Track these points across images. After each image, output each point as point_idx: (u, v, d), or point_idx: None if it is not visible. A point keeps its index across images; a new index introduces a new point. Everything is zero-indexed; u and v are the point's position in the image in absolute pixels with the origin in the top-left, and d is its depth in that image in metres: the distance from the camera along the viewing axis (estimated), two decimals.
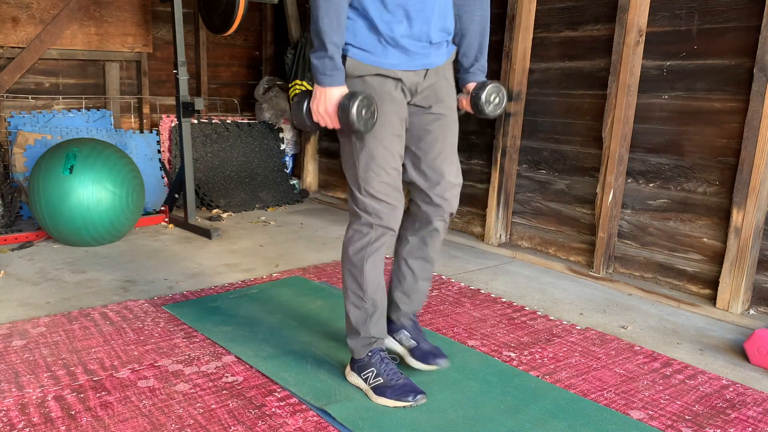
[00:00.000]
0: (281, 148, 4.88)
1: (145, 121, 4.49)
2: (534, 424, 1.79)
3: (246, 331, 2.32)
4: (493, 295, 2.86)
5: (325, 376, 2.01)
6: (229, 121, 4.70)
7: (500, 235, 3.65)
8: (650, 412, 1.89)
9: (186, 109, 3.65)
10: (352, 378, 1.95)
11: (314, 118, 1.67)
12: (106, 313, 2.44)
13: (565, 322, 2.57)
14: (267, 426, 1.73)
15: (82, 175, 3.13)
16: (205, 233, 3.62)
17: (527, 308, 2.71)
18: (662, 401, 1.96)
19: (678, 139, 2.91)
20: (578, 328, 2.52)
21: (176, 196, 3.91)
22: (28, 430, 1.66)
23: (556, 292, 2.97)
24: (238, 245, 3.50)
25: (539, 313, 2.66)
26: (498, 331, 2.45)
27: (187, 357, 2.11)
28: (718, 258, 2.80)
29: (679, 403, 1.96)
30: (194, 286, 2.81)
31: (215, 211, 4.25)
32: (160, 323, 2.37)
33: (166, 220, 3.91)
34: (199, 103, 3.56)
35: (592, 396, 1.97)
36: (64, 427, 1.68)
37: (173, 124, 4.44)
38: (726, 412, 1.91)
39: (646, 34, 2.95)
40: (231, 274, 3.00)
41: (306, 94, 1.68)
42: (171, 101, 4.60)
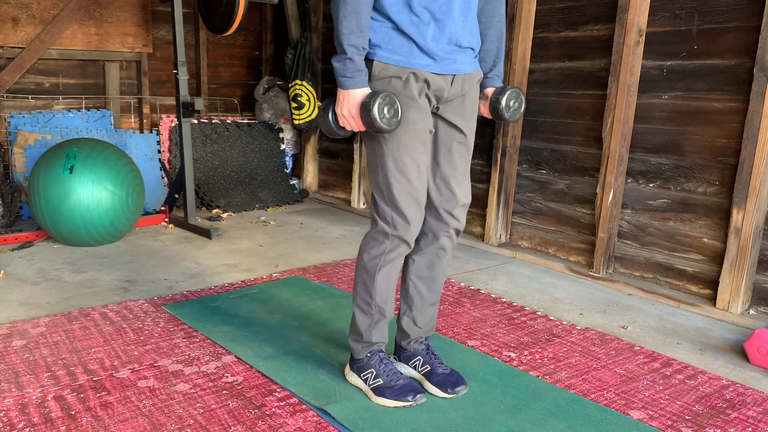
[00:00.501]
0: (281, 148, 4.88)
1: (145, 121, 4.49)
2: (534, 424, 1.80)
3: (246, 331, 2.32)
4: (493, 295, 2.86)
5: (325, 376, 2.01)
6: (229, 121, 4.70)
7: (500, 235, 3.65)
8: (650, 412, 1.89)
9: (186, 109, 3.65)
10: (352, 378, 1.95)
11: (340, 122, 1.67)
12: (106, 313, 2.44)
13: (565, 322, 2.57)
14: (267, 426, 1.73)
15: (82, 175, 3.13)
16: (205, 233, 3.62)
17: (527, 308, 2.71)
18: (662, 401, 1.96)
19: (678, 139, 2.91)
20: (578, 328, 2.52)
21: (176, 196, 3.91)
22: (28, 430, 1.66)
23: (556, 292, 2.97)
24: (238, 245, 3.50)
25: (539, 313, 2.66)
26: (498, 331, 2.45)
27: (187, 357, 2.11)
28: (718, 258, 2.80)
29: (679, 403, 1.96)
30: (194, 286, 2.81)
31: (215, 211, 4.25)
32: (160, 323, 2.37)
33: (166, 220, 3.91)
34: (199, 103, 3.56)
35: (592, 396, 1.97)
36: (64, 427, 1.68)
37: (173, 124, 4.44)
38: (726, 412, 1.91)
39: (646, 34, 2.95)
40: (231, 274, 3.00)
41: (331, 101, 1.68)
42: (171, 101, 4.60)
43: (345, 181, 4.71)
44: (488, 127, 3.65)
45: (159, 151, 4.35)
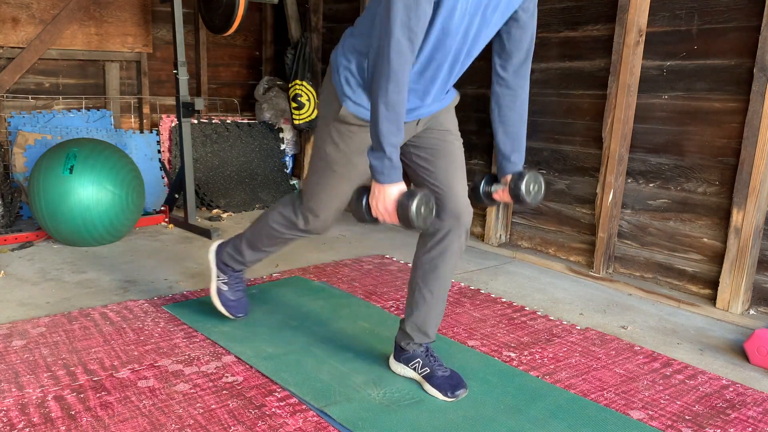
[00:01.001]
0: (281, 148, 4.88)
1: (145, 121, 4.49)
2: (534, 424, 1.80)
3: (246, 331, 2.32)
4: (493, 295, 2.86)
5: (325, 376, 2.01)
6: (229, 121, 4.70)
7: (500, 235, 3.65)
8: (650, 412, 1.89)
9: (186, 109, 3.65)
10: (210, 254, 2.29)
11: (373, 213, 1.68)
12: (106, 313, 2.44)
13: (565, 322, 2.57)
14: (267, 426, 1.73)
15: (82, 175, 3.13)
16: (205, 233, 3.62)
17: (527, 308, 2.71)
18: (662, 401, 1.96)
19: (678, 139, 2.91)
20: (578, 328, 2.52)
21: (176, 196, 3.91)
22: (28, 430, 1.66)
23: (556, 292, 2.97)
24: None
25: (539, 313, 2.66)
26: (498, 331, 2.45)
27: (187, 357, 2.11)
28: (718, 258, 2.80)
29: (679, 403, 1.96)
30: (194, 286, 2.81)
31: (215, 211, 4.25)
32: (160, 323, 2.37)
33: (166, 220, 3.91)
34: (199, 103, 3.56)
35: (592, 396, 1.97)
36: (64, 427, 1.68)
37: (173, 124, 4.44)
38: (726, 412, 1.91)
39: (646, 34, 2.95)
40: None
41: (364, 190, 1.69)
42: (171, 101, 4.60)
43: None
44: (488, 127, 3.65)
45: (159, 151, 4.35)
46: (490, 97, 1.87)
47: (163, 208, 3.96)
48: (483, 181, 1.91)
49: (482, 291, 2.90)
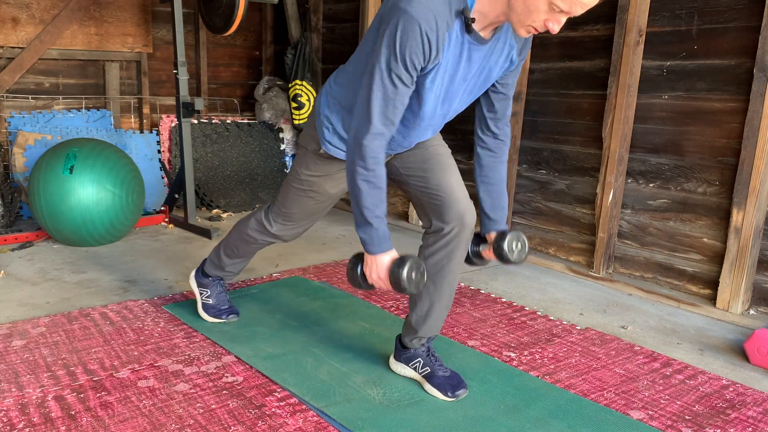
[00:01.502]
0: (281, 148, 4.88)
1: (145, 121, 4.49)
2: (534, 424, 1.80)
3: (246, 331, 2.32)
4: (493, 295, 2.86)
5: (324, 376, 2.01)
6: (229, 121, 4.70)
7: None
8: (650, 412, 1.89)
9: (186, 109, 3.65)
10: (192, 281, 2.39)
11: (369, 281, 1.73)
12: (106, 313, 2.44)
13: (565, 322, 2.57)
14: (267, 426, 1.73)
15: (82, 175, 3.13)
16: (205, 233, 3.62)
17: (527, 308, 2.71)
18: (662, 401, 1.96)
19: (678, 139, 2.91)
20: (578, 328, 2.52)
21: (176, 196, 3.91)
22: (28, 430, 1.66)
23: (556, 292, 2.97)
24: None
25: (539, 313, 2.66)
26: (498, 331, 2.45)
27: (187, 357, 2.11)
28: (718, 258, 2.80)
29: (679, 403, 1.96)
30: None
31: (215, 211, 4.25)
32: (160, 323, 2.37)
33: (166, 220, 3.91)
34: (199, 103, 3.56)
35: (592, 396, 1.97)
36: (64, 427, 1.68)
37: (173, 124, 4.44)
38: (726, 412, 1.91)
39: (646, 34, 2.95)
40: None
41: (358, 259, 1.74)
42: (171, 101, 4.60)
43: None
44: None
45: (159, 151, 4.35)
46: (473, 158, 1.96)
47: (163, 208, 3.96)
48: (471, 242, 1.95)
49: (482, 291, 2.90)
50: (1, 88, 3.86)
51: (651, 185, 3.02)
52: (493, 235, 1.92)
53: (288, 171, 2.01)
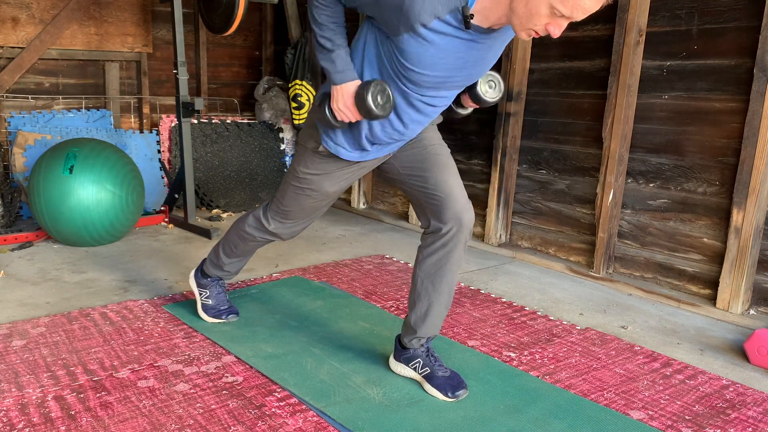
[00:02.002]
0: (281, 148, 4.88)
1: (145, 121, 4.49)
2: (534, 424, 1.80)
3: (246, 331, 2.32)
4: (493, 295, 2.86)
5: (324, 376, 2.01)
6: (229, 121, 4.70)
7: (500, 235, 3.65)
8: (650, 412, 1.89)
9: (186, 109, 3.65)
10: (191, 281, 2.40)
11: (338, 116, 1.74)
12: (106, 313, 2.44)
13: (565, 322, 2.57)
14: (267, 426, 1.73)
15: (82, 175, 3.13)
16: (205, 233, 3.62)
17: (527, 308, 2.71)
18: (662, 401, 1.96)
19: (678, 139, 2.91)
20: (578, 328, 2.52)
21: (176, 196, 3.90)
22: (28, 430, 1.66)
23: (556, 292, 2.97)
24: None
25: (539, 313, 2.66)
26: (498, 331, 2.45)
27: (187, 357, 2.11)
28: (718, 258, 2.80)
29: (679, 403, 1.96)
30: None
31: (215, 211, 4.25)
32: (160, 323, 2.37)
33: (166, 220, 3.91)
34: (199, 103, 3.56)
35: (592, 396, 1.97)
36: (64, 427, 1.68)
37: (173, 124, 4.44)
38: (726, 412, 1.91)
39: (646, 34, 2.95)
40: None
41: (324, 97, 1.75)
42: (171, 101, 4.60)
43: None
44: (488, 127, 3.65)
45: (159, 151, 4.35)
46: None
47: (163, 208, 3.96)
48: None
49: (482, 291, 2.90)
50: (1, 88, 3.86)
51: (651, 185, 3.02)
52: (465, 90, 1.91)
53: (285, 175, 2.01)
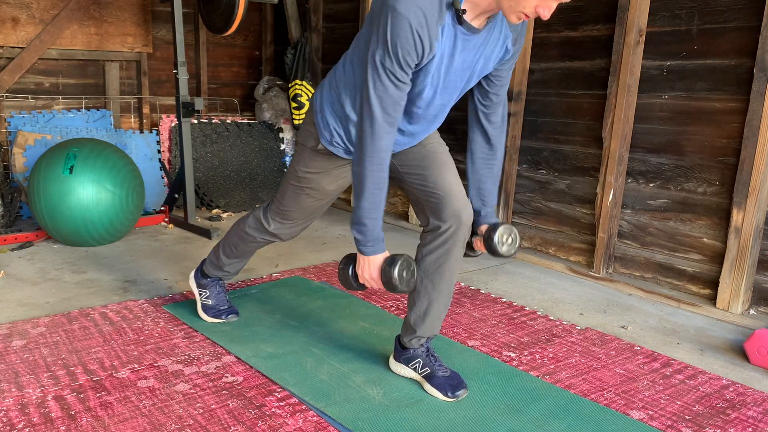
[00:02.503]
0: (281, 148, 4.88)
1: (145, 121, 4.49)
2: (534, 424, 1.80)
3: (246, 331, 2.32)
4: (493, 295, 2.86)
5: (324, 376, 2.01)
6: (229, 121, 4.70)
7: None
8: (650, 412, 1.89)
9: (186, 109, 3.65)
10: (191, 282, 2.40)
11: (360, 281, 1.77)
12: (106, 313, 2.44)
13: (565, 322, 2.57)
14: (267, 426, 1.73)
15: (82, 175, 3.13)
16: (205, 233, 3.62)
17: (527, 308, 2.71)
18: (662, 401, 1.96)
19: (678, 139, 2.91)
20: (578, 328, 2.52)
21: (176, 196, 3.90)
22: (28, 430, 1.66)
23: (556, 292, 2.97)
24: None
25: (539, 313, 2.66)
26: (498, 331, 2.45)
27: (187, 357, 2.11)
28: (718, 258, 2.80)
29: (679, 403, 1.96)
30: None
31: (215, 211, 4.25)
32: (160, 323, 2.37)
33: (166, 220, 3.91)
34: (199, 103, 3.56)
35: (592, 396, 1.97)
36: (64, 427, 1.68)
37: (173, 124, 4.44)
38: (726, 412, 1.91)
39: (646, 34, 2.95)
40: None
41: (350, 259, 1.79)
42: (171, 101, 4.60)
43: None
44: None
45: (159, 151, 4.35)
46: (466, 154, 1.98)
47: (163, 208, 3.96)
48: None
49: (482, 291, 2.90)
50: (1, 88, 3.86)
51: (651, 185, 3.02)
52: (484, 227, 1.94)
53: (285, 175, 2.02)
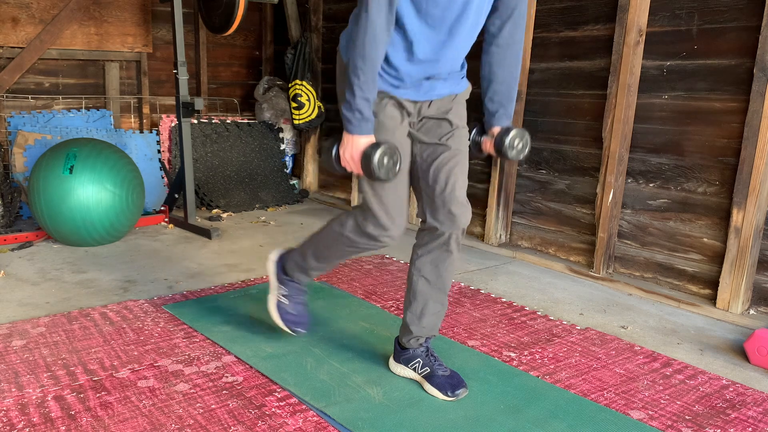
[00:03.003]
0: (281, 148, 4.88)
1: (145, 121, 4.49)
2: (534, 424, 1.79)
3: (246, 331, 2.32)
4: (493, 295, 2.86)
5: (324, 376, 2.01)
6: (229, 121, 4.70)
7: (500, 235, 3.65)
8: (650, 412, 1.89)
9: (186, 109, 3.65)
10: (270, 270, 2.17)
11: (342, 162, 1.74)
12: (106, 313, 2.44)
13: (565, 322, 2.57)
14: (267, 426, 1.73)
15: (82, 175, 3.13)
16: (205, 233, 3.62)
17: (527, 308, 2.71)
18: (662, 401, 1.96)
19: (678, 139, 2.91)
20: (578, 328, 2.52)
21: (176, 196, 3.91)
22: (28, 430, 1.66)
23: (556, 292, 2.97)
24: (238, 245, 3.50)
25: (539, 313, 2.66)
26: (498, 331, 2.45)
27: (187, 357, 2.11)
28: (718, 258, 2.80)
29: (679, 403, 1.96)
30: (194, 286, 2.81)
31: (215, 211, 4.25)
32: (160, 323, 2.37)
33: (166, 220, 3.91)
34: (199, 103, 3.56)
35: (592, 396, 1.97)
36: (64, 427, 1.68)
37: (173, 124, 4.44)
38: (726, 412, 1.91)
39: (646, 34, 2.95)
40: (231, 274, 3.00)
41: (336, 139, 1.76)
42: (171, 101, 4.60)
43: (345, 181, 4.71)
44: None
45: (159, 151, 4.35)
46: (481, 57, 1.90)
47: (163, 208, 3.96)
48: (474, 131, 1.94)
49: (482, 291, 2.90)
50: (1, 88, 3.86)
51: (651, 185, 3.02)
52: (496, 129, 1.89)
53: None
